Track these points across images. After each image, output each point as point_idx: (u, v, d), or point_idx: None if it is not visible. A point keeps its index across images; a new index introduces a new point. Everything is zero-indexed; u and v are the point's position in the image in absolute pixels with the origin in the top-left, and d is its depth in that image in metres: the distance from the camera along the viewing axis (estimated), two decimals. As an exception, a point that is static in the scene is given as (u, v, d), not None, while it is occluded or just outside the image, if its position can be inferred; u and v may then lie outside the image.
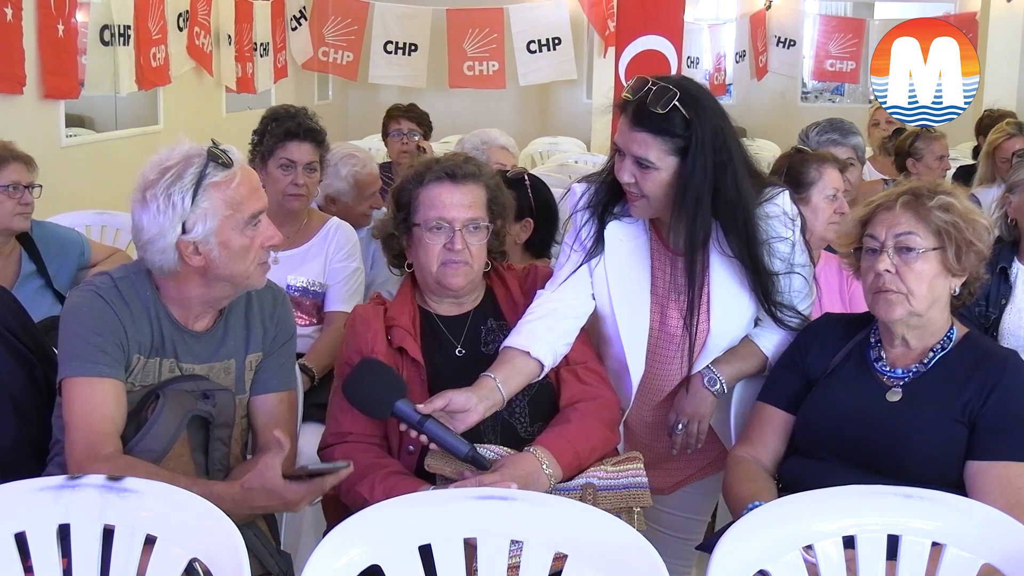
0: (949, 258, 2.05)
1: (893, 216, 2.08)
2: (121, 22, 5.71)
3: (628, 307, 2.33)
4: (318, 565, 1.58)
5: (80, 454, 1.91)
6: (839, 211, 2.88)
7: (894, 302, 2.07)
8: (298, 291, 3.19)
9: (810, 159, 2.93)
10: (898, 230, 2.07)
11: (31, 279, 3.23)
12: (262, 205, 2.04)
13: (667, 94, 2.12)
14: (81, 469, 1.88)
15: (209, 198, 1.95)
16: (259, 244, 2.03)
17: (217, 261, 1.99)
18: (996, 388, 2.01)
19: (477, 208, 2.25)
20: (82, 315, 2.00)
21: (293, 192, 3.22)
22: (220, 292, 2.06)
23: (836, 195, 2.89)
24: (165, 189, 1.94)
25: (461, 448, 1.98)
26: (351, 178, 3.63)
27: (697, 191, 2.15)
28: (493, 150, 3.67)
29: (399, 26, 8.57)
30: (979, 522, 1.68)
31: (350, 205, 3.65)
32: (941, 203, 2.06)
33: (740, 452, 2.23)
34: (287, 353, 2.21)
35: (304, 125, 3.28)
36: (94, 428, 1.93)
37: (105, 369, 1.97)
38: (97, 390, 1.96)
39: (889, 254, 2.07)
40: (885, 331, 2.15)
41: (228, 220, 1.97)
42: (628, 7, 6.10)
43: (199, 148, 1.98)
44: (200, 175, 1.95)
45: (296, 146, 3.25)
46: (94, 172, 5.56)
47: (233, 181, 1.97)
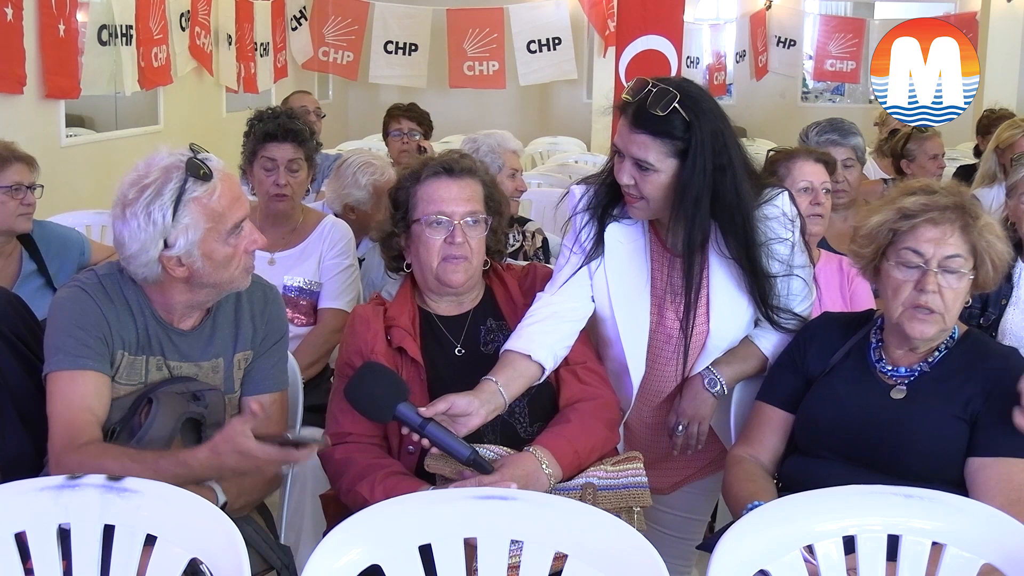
0: (982, 277, 2.05)
1: (941, 234, 2.03)
2: (123, 22, 5.71)
3: (628, 309, 2.33)
4: (318, 565, 1.58)
5: (58, 446, 1.92)
6: (815, 202, 2.88)
7: (931, 322, 2.04)
8: (295, 291, 3.19)
9: (779, 156, 2.95)
10: (947, 251, 2.02)
11: (32, 279, 3.23)
12: (244, 212, 2.01)
13: (667, 96, 2.12)
14: (59, 461, 1.89)
15: (190, 213, 1.93)
16: (243, 250, 2.02)
17: (201, 271, 1.98)
18: (998, 385, 2.01)
19: (475, 202, 2.25)
20: (65, 310, 2.00)
21: (276, 192, 3.23)
22: (204, 296, 2.06)
23: (810, 187, 2.89)
24: (145, 207, 1.91)
25: (463, 452, 1.98)
26: (370, 187, 3.64)
27: (696, 193, 2.15)
28: (506, 154, 3.69)
29: (399, 26, 8.58)
30: (979, 522, 1.67)
31: (369, 213, 3.65)
32: (987, 224, 2.04)
33: (739, 452, 2.23)
34: (279, 353, 2.20)
35: (283, 126, 3.28)
36: (73, 420, 1.93)
37: (87, 362, 1.96)
38: (79, 383, 1.96)
39: (936, 274, 2.02)
40: (897, 337, 2.12)
41: (210, 232, 1.95)
42: (628, 7, 6.10)
43: (178, 160, 1.94)
44: (180, 190, 1.91)
45: (276, 146, 3.26)
46: (94, 172, 5.56)
47: (214, 193, 1.95)
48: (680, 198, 2.17)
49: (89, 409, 1.95)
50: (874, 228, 2.10)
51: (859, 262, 2.18)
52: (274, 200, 3.24)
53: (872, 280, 2.18)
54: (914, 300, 2.03)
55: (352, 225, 3.42)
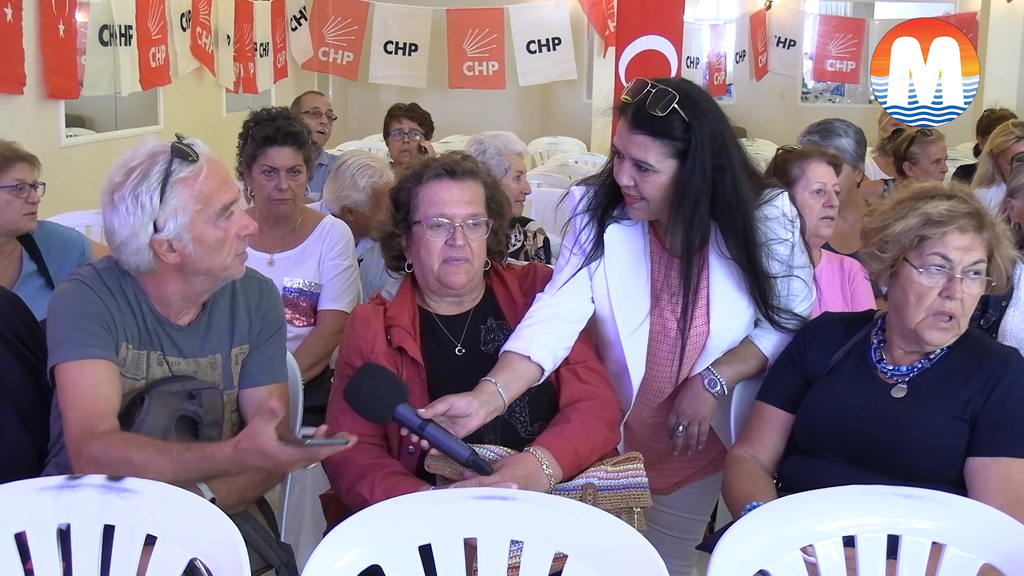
0: (997, 281, 2.06)
1: (969, 242, 2.04)
2: (122, 22, 5.71)
3: (627, 309, 2.33)
4: (318, 565, 1.58)
5: (77, 435, 1.91)
6: (827, 204, 2.88)
7: (950, 330, 2.06)
8: (295, 293, 3.19)
9: (792, 156, 2.93)
10: (973, 257, 2.04)
11: (32, 279, 3.23)
12: (233, 196, 2.02)
13: (666, 96, 2.12)
14: (79, 451, 1.88)
15: (178, 194, 1.94)
16: (234, 235, 2.02)
17: (193, 256, 1.98)
18: (998, 385, 2.02)
19: (477, 204, 2.25)
20: (68, 302, 2.00)
21: (278, 197, 3.23)
22: (199, 286, 2.05)
23: (823, 188, 2.88)
24: (132, 190, 1.93)
25: (462, 453, 1.98)
26: (368, 189, 3.65)
27: (695, 194, 2.15)
28: (512, 156, 3.69)
29: (399, 26, 8.58)
30: (979, 522, 1.68)
31: (367, 215, 3.66)
32: (1002, 229, 2.07)
33: (739, 451, 2.24)
34: (275, 345, 2.19)
35: (283, 129, 3.26)
36: (90, 409, 1.92)
37: (95, 351, 1.96)
38: (89, 371, 1.95)
39: (961, 281, 2.03)
40: (906, 340, 2.12)
41: (199, 214, 1.96)
42: (628, 7, 6.10)
43: (163, 145, 1.97)
44: (166, 172, 1.93)
45: (276, 151, 3.23)
46: (94, 172, 5.52)
47: (200, 175, 1.96)
48: (679, 199, 2.17)
49: (104, 397, 1.94)
50: (899, 234, 2.07)
51: (875, 265, 2.14)
52: (276, 204, 3.24)
53: (885, 283, 2.15)
54: (939, 307, 2.04)
55: (350, 226, 3.42)
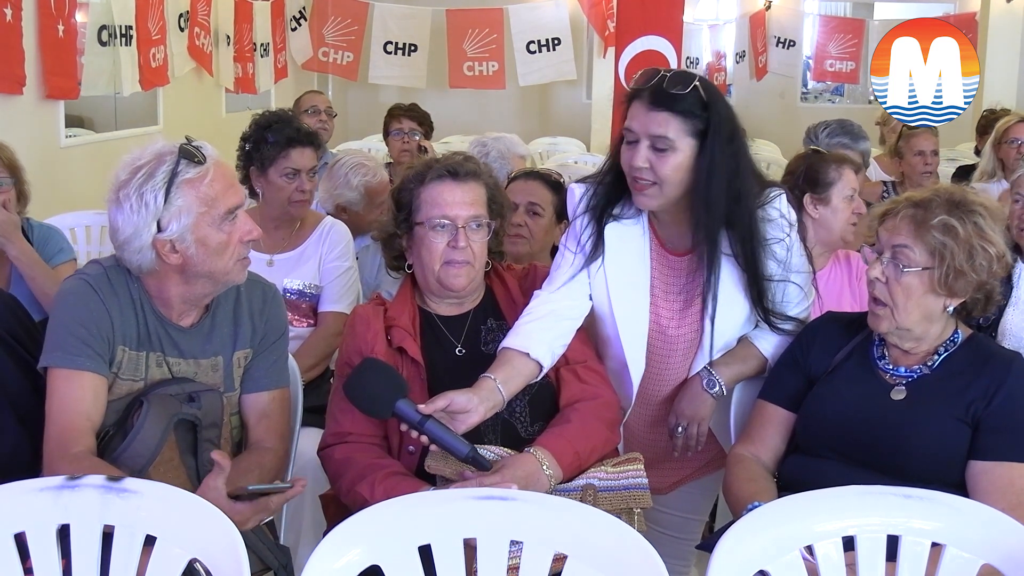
0: (936, 280, 2.03)
1: (895, 224, 2.07)
2: (122, 22, 5.71)
3: (628, 308, 2.33)
4: (318, 565, 1.58)
5: (52, 448, 1.93)
6: (857, 211, 2.91)
7: (880, 316, 2.08)
8: (295, 294, 3.19)
9: (829, 160, 2.96)
10: (896, 241, 2.06)
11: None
12: (238, 200, 2.02)
13: (686, 76, 2.15)
14: (51, 465, 1.90)
15: (183, 195, 1.94)
16: (237, 239, 2.01)
17: (195, 259, 1.98)
18: (1001, 389, 2.01)
19: (479, 206, 2.25)
20: (71, 304, 2.00)
21: (299, 199, 3.25)
22: (200, 289, 2.05)
23: (853, 195, 2.93)
24: (137, 188, 1.93)
25: (461, 449, 1.98)
26: (362, 187, 3.67)
27: (716, 172, 2.14)
28: (515, 159, 3.70)
29: (399, 26, 8.57)
30: (979, 522, 1.68)
31: (361, 214, 3.68)
32: (943, 223, 2.01)
33: (740, 450, 2.23)
34: (278, 351, 2.19)
35: (303, 131, 3.29)
36: (69, 424, 1.93)
37: (86, 362, 1.96)
38: (75, 384, 1.96)
39: (883, 263, 2.06)
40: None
41: (203, 217, 1.96)
42: (628, 7, 6.08)
43: (171, 146, 1.97)
44: (172, 172, 1.93)
45: (299, 153, 3.25)
46: (94, 172, 5.54)
47: (206, 177, 1.96)
48: (697, 180, 2.17)
49: (84, 414, 1.95)
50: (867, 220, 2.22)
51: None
52: (296, 205, 3.25)
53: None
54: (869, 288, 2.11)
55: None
